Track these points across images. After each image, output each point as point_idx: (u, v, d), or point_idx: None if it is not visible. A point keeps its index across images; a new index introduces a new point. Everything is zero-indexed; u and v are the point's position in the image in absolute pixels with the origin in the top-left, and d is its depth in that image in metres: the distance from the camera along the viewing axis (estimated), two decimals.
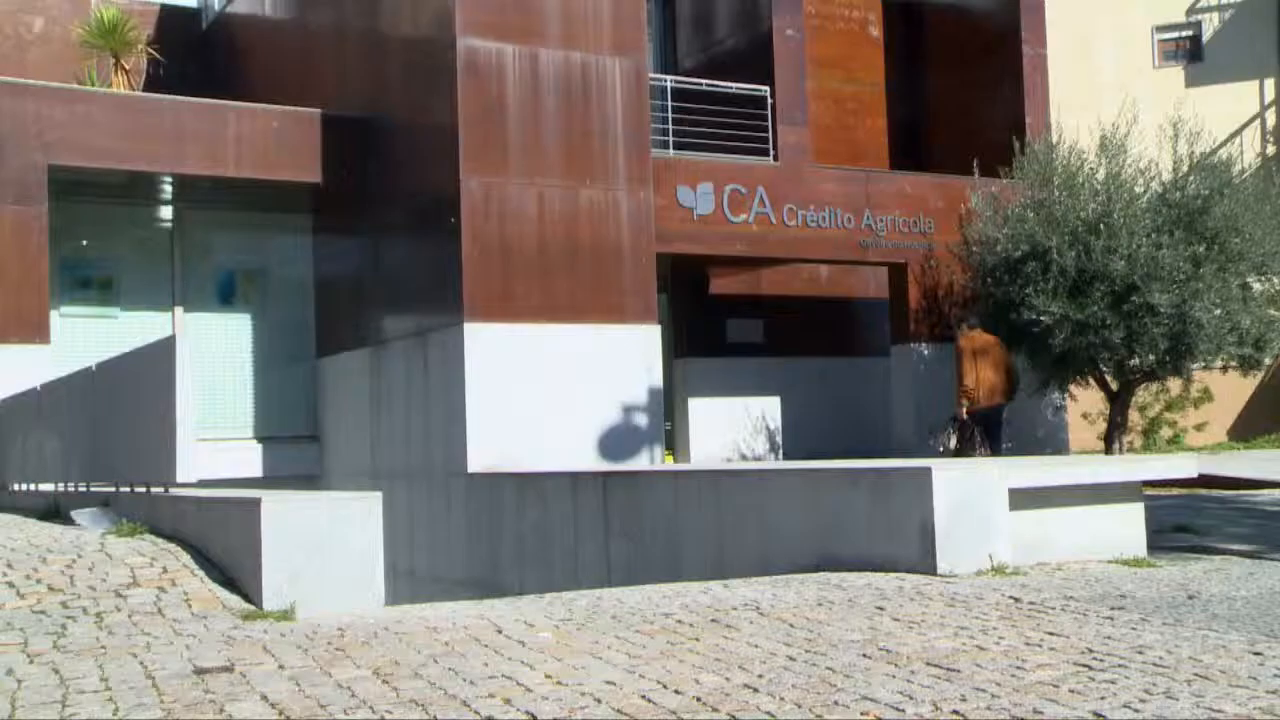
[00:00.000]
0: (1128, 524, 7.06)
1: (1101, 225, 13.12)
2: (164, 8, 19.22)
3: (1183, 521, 8.75)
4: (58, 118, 12.84)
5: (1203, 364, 13.98)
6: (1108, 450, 14.49)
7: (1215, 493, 11.63)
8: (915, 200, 15.25)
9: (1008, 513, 6.50)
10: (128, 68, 15.18)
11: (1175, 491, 11.64)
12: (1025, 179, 14.22)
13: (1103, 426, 15.51)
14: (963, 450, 12.69)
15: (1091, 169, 13.86)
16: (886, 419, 15.77)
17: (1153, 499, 8.59)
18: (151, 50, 16.24)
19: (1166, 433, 18.57)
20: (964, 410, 12.86)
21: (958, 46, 17.31)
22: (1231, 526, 8.82)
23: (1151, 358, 13.47)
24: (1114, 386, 14.39)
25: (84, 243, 14.45)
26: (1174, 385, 16.49)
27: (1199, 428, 18.97)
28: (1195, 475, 7.82)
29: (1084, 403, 16.34)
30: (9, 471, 12.30)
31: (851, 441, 15.91)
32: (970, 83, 17.02)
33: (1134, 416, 17.12)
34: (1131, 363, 13.73)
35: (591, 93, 12.52)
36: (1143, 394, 17.09)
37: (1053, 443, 15.59)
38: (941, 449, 13.07)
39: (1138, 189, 13.70)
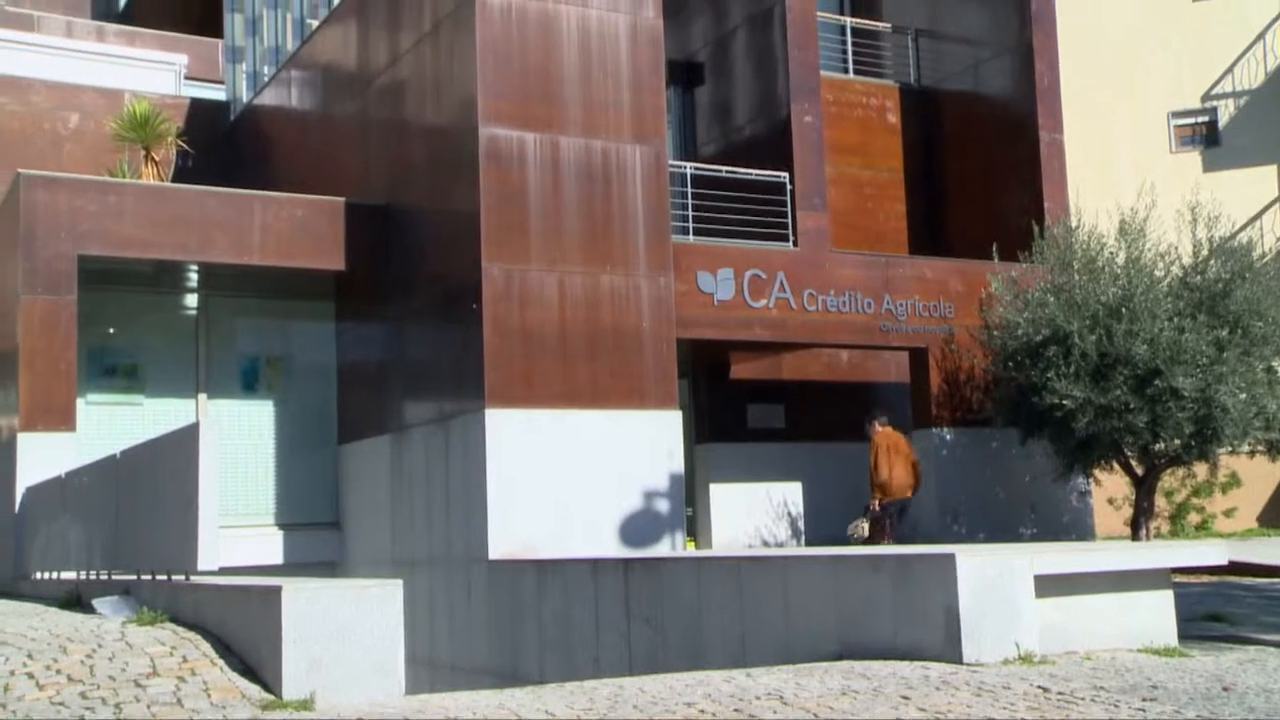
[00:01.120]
0: (1157, 612, 6.96)
1: (1123, 309, 13.12)
2: (194, 101, 19.61)
3: (1214, 610, 8.63)
4: (89, 209, 13.04)
5: (1229, 449, 13.86)
6: (1134, 536, 14.34)
7: (1247, 580, 11.47)
8: (935, 285, 15.29)
9: (1034, 600, 6.42)
10: (157, 159, 15.45)
11: (1205, 579, 11.49)
12: (1045, 263, 14.26)
13: (1129, 512, 15.36)
14: (874, 539, 13.66)
15: (1111, 253, 13.89)
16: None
17: (1182, 586, 8.49)
18: (181, 142, 16.54)
19: (1194, 519, 18.37)
20: (877, 503, 13.78)
21: (975, 132, 17.46)
22: (1266, 615, 8.69)
23: (1177, 442, 13.37)
24: (1139, 471, 14.28)
25: (110, 331, 14.60)
26: (1200, 470, 16.34)
27: (1228, 513, 18.77)
28: (1225, 562, 7.73)
29: (1109, 488, 16.20)
30: (31, 560, 12.31)
31: None
32: (988, 168, 17.15)
33: (1160, 502, 16.98)
34: (1156, 447, 13.63)
35: (612, 179, 12.66)
36: (1169, 479, 16.94)
37: (1078, 529, 15.44)
38: (854, 536, 13.96)
39: (1158, 273, 13.72)
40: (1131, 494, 14.88)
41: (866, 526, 13.85)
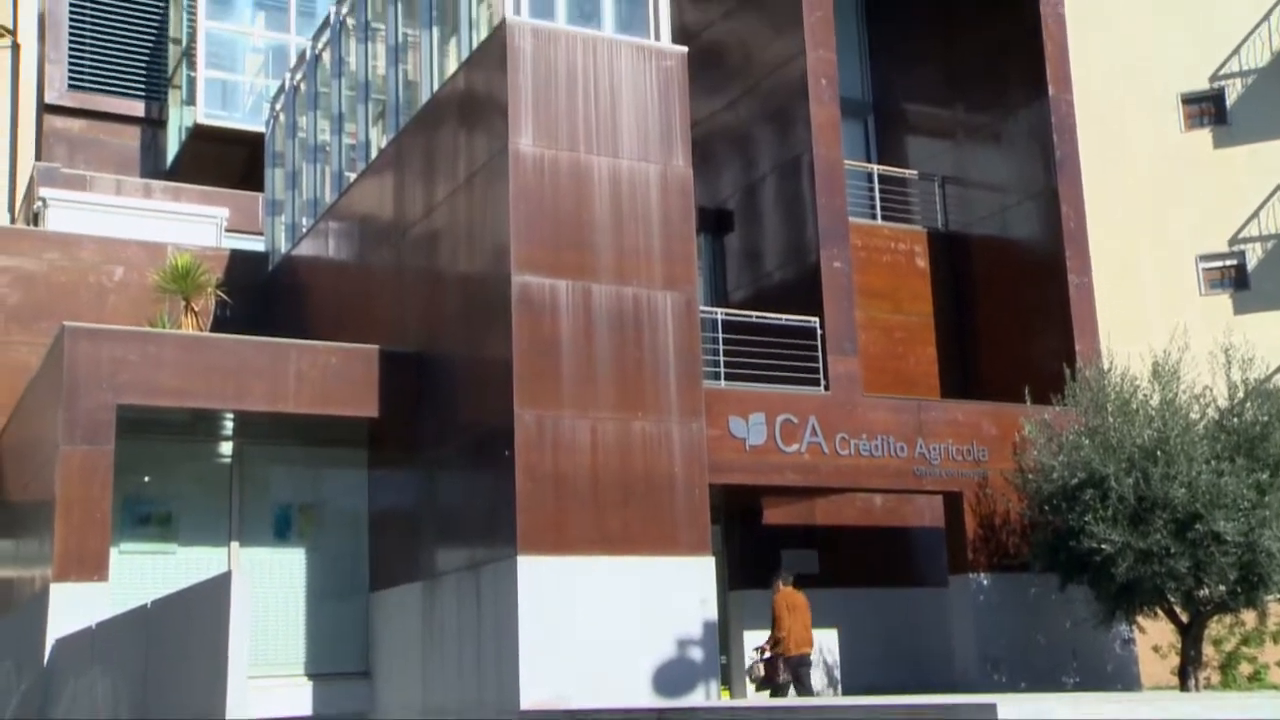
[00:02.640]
0: None
1: (1159, 452, 13.00)
2: (234, 252, 20.05)
3: None
4: (129, 359, 13.24)
5: (1277, 595, 13.57)
6: (1183, 687, 13.95)
7: None
8: (968, 428, 15.22)
9: None
10: (197, 309, 15.75)
11: None
12: (1078, 406, 14.20)
13: (1175, 660, 14.98)
14: (774, 686, 14.28)
15: (1145, 395, 13.83)
16: (946, 651, 15.32)
17: None
18: (220, 292, 16.86)
19: (1246, 669, 17.83)
20: (768, 648, 14.29)
21: (1004, 276, 17.59)
22: None
23: (1222, 588, 13.09)
24: (1184, 619, 13.96)
25: (145, 479, 14.68)
26: (1249, 618, 15.96)
27: None
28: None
29: (1154, 635, 15.83)
30: (58, 712, 12.18)
31: (911, 674, 15.45)
32: (1018, 311, 17.22)
33: (1209, 651, 16.54)
34: (1201, 594, 13.35)
35: (644, 325, 12.77)
36: (1216, 627, 16.54)
37: (1123, 678, 15.04)
38: (751, 679, 14.57)
39: (1194, 415, 13.63)
40: (1177, 642, 14.53)
41: (762, 667, 14.51)
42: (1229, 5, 25.32)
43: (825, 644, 15.78)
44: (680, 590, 12.36)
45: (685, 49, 13.55)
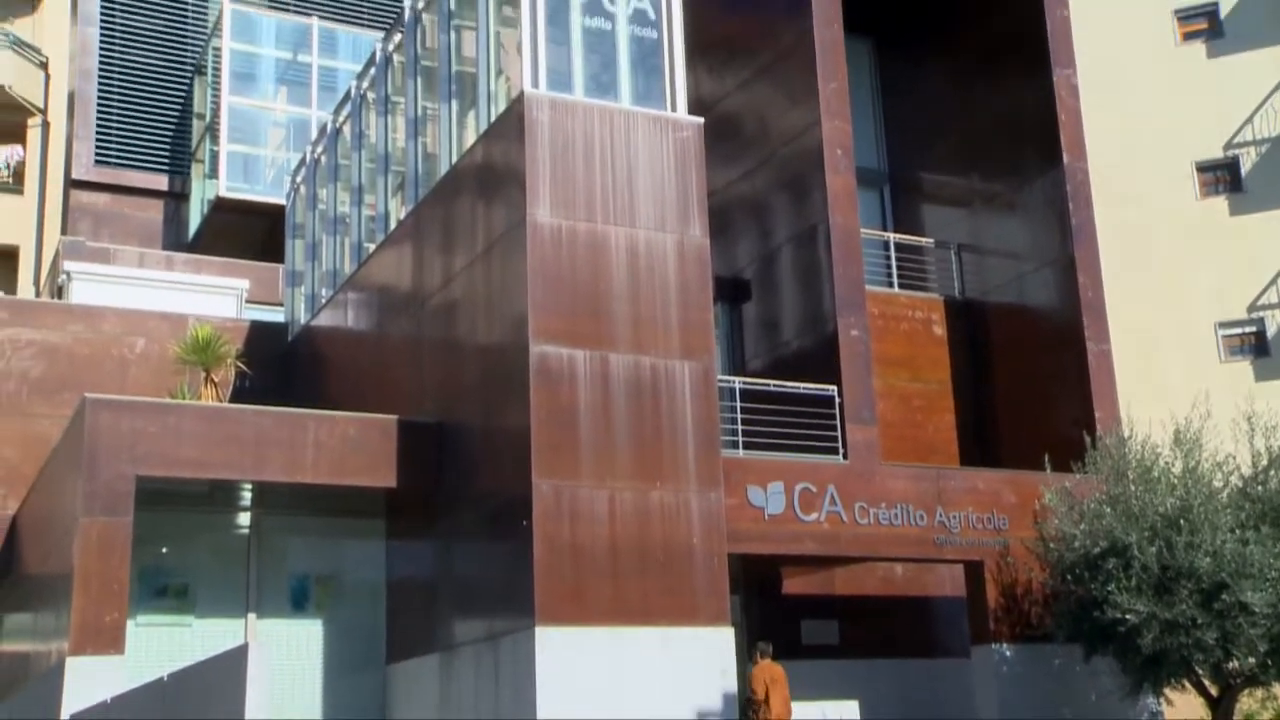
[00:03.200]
0: None
1: (1182, 520, 12.87)
2: (254, 323, 20.19)
3: None
4: (149, 430, 13.29)
5: None
6: None
7: None
8: (988, 496, 15.12)
9: None
10: (216, 380, 15.84)
11: None
12: (1099, 474, 14.10)
13: None
14: None
15: (1167, 463, 13.72)
16: None
17: None
18: (239, 363, 16.96)
19: None
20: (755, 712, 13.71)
21: (1021, 343, 17.56)
22: None
23: (1251, 661, 12.88)
24: (1214, 691, 13.72)
25: (163, 551, 14.68)
26: None
27: None
28: None
29: (1182, 708, 15.54)
30: None
31: None
32: (1036, 378, 17.17)
33: None
34: (1230, 666, 13.13)
35: (661, 395, 12.76)
36: (1248, 700, 16.24)
37: None
38: None
39: (1216, 483, 13.50)
40: (1207, 715, 14.27)
41: None
42: (1241, 74, 25.48)
43: (846, 716, 15.55)
44: (699, 661, 12.24)
45: (701, 120, 13.68)
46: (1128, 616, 12.71)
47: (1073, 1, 18.24)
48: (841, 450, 14.70)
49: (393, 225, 16.64)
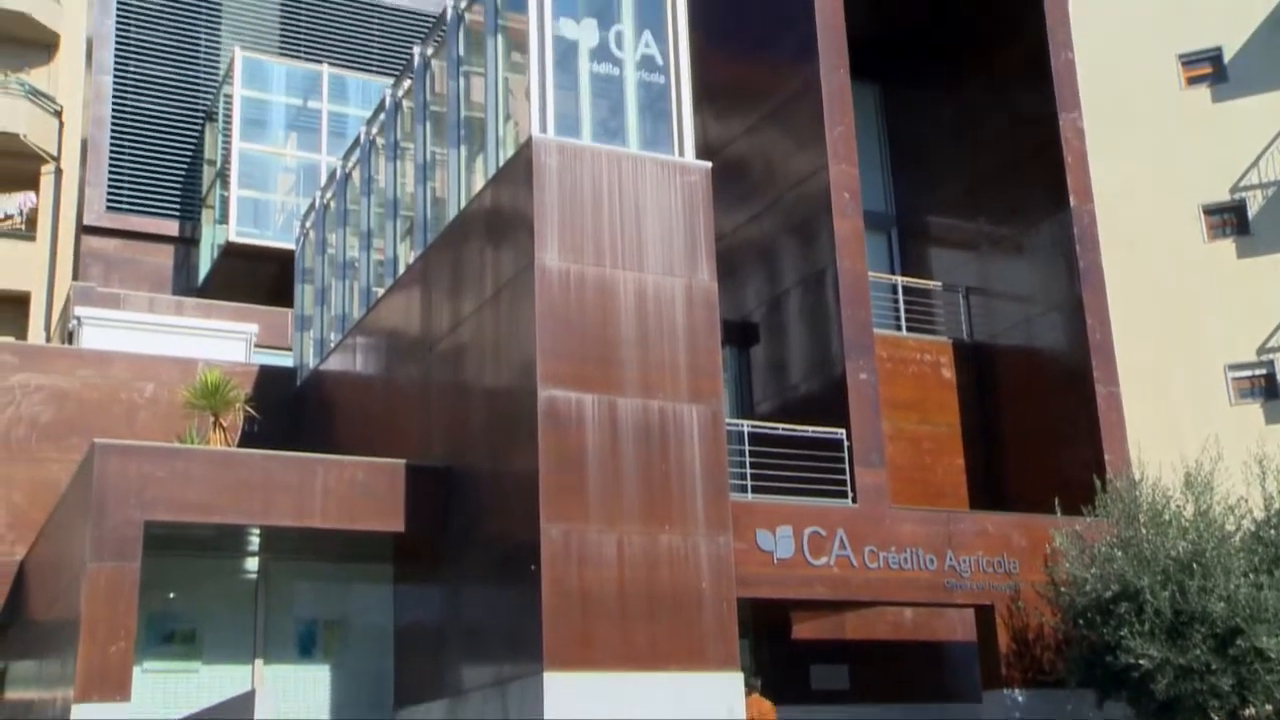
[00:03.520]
0: None
1: (1194, 564, 12.79)
2: (263, 368, 20.24)
3: None
4: (157, 475, 13.28)
5: None
6: None
7: None
8: (998, 540, 15.04)
9: None
10: (225, 425, 15.84)
11: None
12: (1109, 517, 14.04)
13: None
14: None
15: (1178, 506, 13.66)
16: None
17: None
18: (248, 408, 16.98)
19: None
20: None
21: (1030, 386, 17.54)
22: None
23: (1268, 708, 12.74)
24: None
25: (171, 596, 14.64)
26: None
27: None
28: None
29: None
30: None
31: None
32: (1046, 421, 17.13)
33: None
34: (1247, 713, 12.99)
35: (670, 439, 12.74)
36: None
37: None
38: None
39: (1229, 526, 13.44)
40: None
41: None
42: (1246, 117, 25.58)
43: None
44: (709, 706, 12.14)
45: (709, 164, 13.75)
46: (1141, 662, 12.61)
47: (1078, 45, 18.35)
48: (851, 494, 14.65)
49: (401, 270, 16.71)
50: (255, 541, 14.97)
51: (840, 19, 16.62)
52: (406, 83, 17.19)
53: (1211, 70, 26.18)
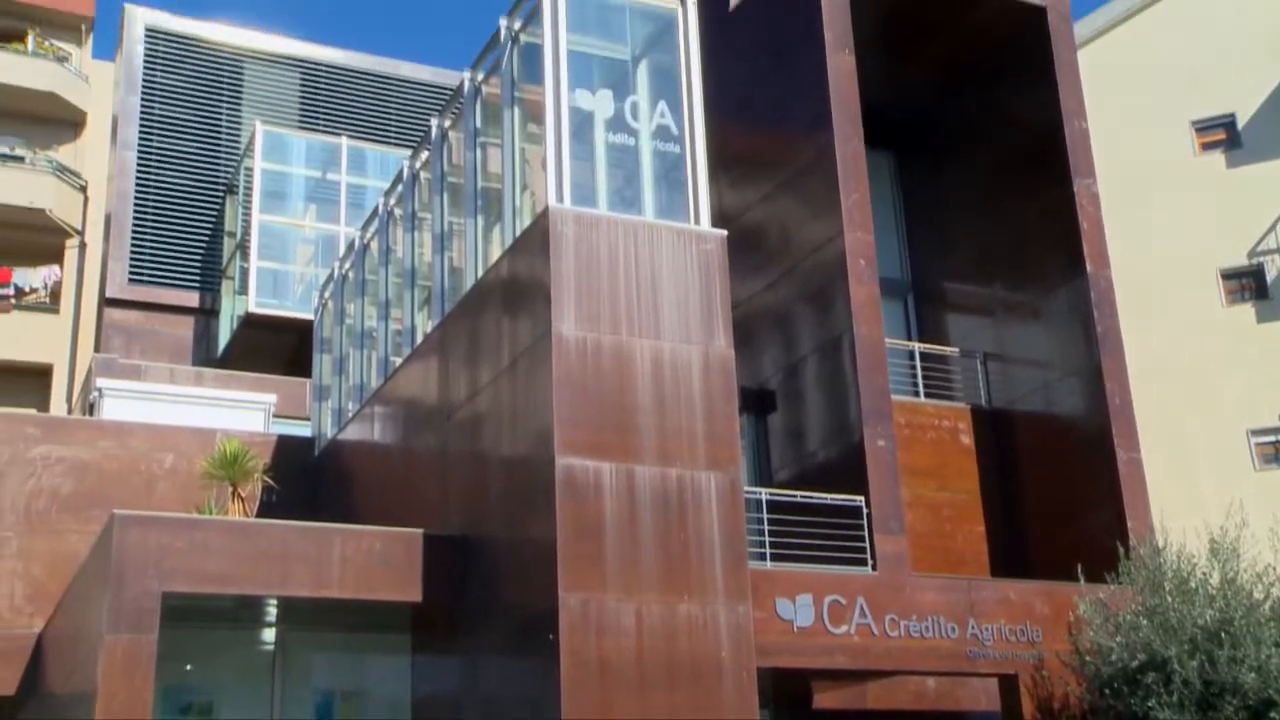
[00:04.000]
0: None
1: (1223, 633, 12.61)
2: (281, 437, 20.29)
3: None
4: (175, 545, 13.27)
5: None
6: None
7: None
8: (1021, 608, 14.87)
9: None
10: (244, 495, 15.87)
11: None
12: (1134, 584, 13.88)
13: None
14: None
15: (1204, 574, 13.49)
16: None
17: None
18: (266, 478, 17.01)
19: None
20: None
21: (1050, 452, 17.43)
22: None
23: None
24: None
25: (188, 668, 14.56)
26: None
27: None
28: None
29: None
30: None
31: None
32: (1066, 487, 17.00)
33: None
34: None
35: (688, 507, 12.68)
36: None
37: None
38: None
39: (1257, 594, 13.25)
40: None
41: None
42: (1261, 182, 25.65)
43: None
44: None
45: (725, 232, 13.82)
46: None
47: (1091, 113, 18.47)
48: (870, 561, 14.54)
49: (419, 339, 16.79)
50: (272, 612, 14.91)
51: (854, 89, 16.77)
52: (424, 154, 17.39)
53: (1225, 136, 26.31)
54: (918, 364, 18.26)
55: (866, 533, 14.69)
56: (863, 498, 14.92)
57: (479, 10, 74.13)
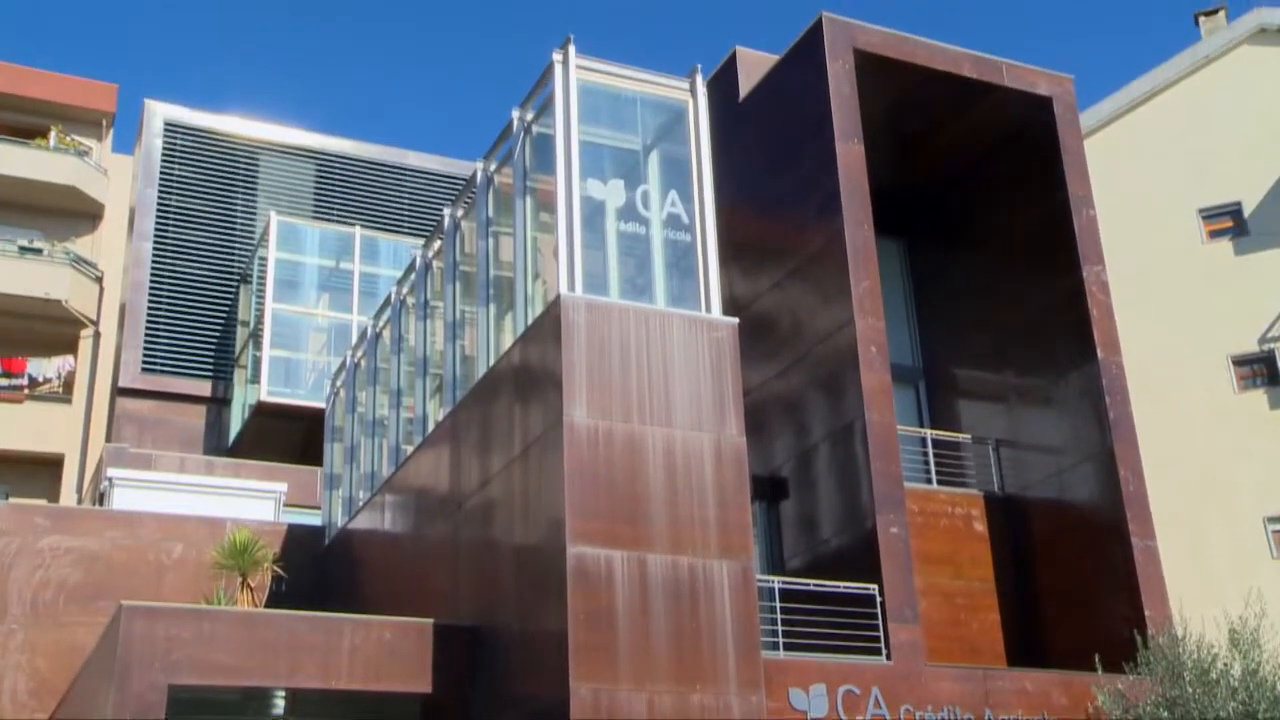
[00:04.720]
0: None
1: None
2: (291, 526, 20.22)
3: None
4: (183, 636, 13.16)
5: None
6: None
7: None
8: (1038, 698, 14.64)
9: None
10: (253, 585, 15.77)
11: None
12: (1153, 674, 13.67)
13: None
14: None
15: (1225, 664, 13.29)
16: None
17: None
18: (276, 568, 16.93)
19: None
20: None
21: (1064, 539, 17.28)
22: None
23: None
24: None
25: None
26: None
27: None
28: None
29: None
30: None
31: None
32: (1082, 575, 16.82)
33: None
34: None
35: (700, 596, 12.57)
36: None
37: None
38: None
39: None
40: None
41: None
42: (1269, 269, 25.73)
43: None
44: None
45: (736, 320, 13.87)
46: None
47: (1099, 201, 18.60)
48: (884, 650, 14.35)
49: (430, 427, 16.79)
50: (280, 704, 14.73)
51: (863, 177, 16.93)
52: (437, 243, 17.55)
53: (1232, 224, 26.46)
54: (930, 451, 18.19)
55: (880, 621, 14.52)
56: (876, 586, 14.78)
57: (489, 100, 75.39)
